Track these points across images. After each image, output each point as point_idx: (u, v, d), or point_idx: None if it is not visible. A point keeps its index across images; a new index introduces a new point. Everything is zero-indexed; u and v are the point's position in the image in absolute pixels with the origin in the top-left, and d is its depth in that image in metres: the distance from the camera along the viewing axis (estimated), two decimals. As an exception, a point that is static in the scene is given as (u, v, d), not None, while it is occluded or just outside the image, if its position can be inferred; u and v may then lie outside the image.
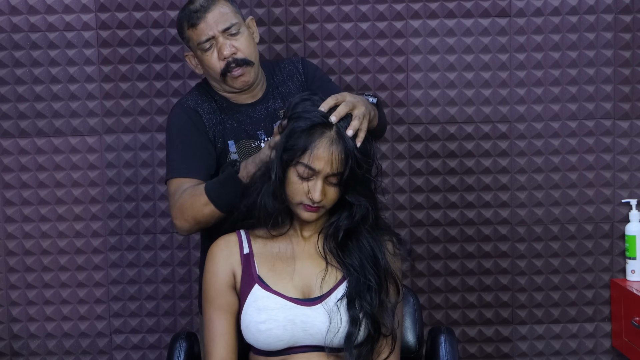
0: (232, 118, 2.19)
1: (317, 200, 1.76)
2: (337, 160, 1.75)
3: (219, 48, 2.12)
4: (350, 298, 1.77)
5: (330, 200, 1.79)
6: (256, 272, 1.81)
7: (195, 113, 2.17)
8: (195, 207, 2.01)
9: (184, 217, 2.04)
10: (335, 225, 1.83)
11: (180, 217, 2.04)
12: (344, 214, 1.83)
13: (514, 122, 2.82)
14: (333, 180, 1.77)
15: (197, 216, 2.01)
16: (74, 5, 2.76)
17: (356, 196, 1.80)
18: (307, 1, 2.77)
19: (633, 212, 2.81)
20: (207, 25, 2.11)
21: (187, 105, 2.19)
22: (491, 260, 2.86)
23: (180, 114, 2.19)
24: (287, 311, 1.76)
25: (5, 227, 2.83)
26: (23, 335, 2.86)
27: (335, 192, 1.79)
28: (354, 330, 1.75)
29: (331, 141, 1.75)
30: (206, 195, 1.98)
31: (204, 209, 2.00)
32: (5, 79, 2.78)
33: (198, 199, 2.00)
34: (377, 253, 1.81)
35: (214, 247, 1.86)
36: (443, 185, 2.84)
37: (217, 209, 1.98)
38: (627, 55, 2.79)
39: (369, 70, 2.80)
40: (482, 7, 2.78)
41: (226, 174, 1.97)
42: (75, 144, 2.81)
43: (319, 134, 1.76)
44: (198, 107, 2.19)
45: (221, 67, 2.13)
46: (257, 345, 1.79)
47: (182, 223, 2.05)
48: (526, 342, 2.89)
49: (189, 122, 2.16)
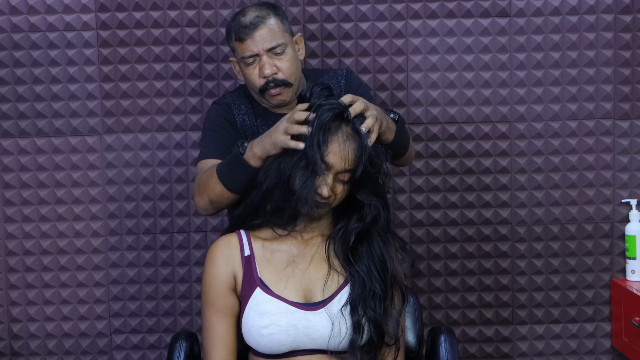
0: (266, 124, 2.20)
1: (325, 196, 1.73)
2: (350, 157, 1.72)
3: (261, 65, 2.16)
4: (354, 304, 1.75)
5: (338, 198, 1.77)
6: (258, 275, 1.80)
7: (229, 110, 2.26)
8: (209, 185, 2.04)
9: (200, 195, 2.08)
10: (345, 229, 1.80)
11: (198, 194, 2.09)
12: (354, 217, 1.80)
13: (514, 122, 2.82)
14: (344, 177, 1.74)
15: (210, 195, 2.04)
16: (74, 5, 2.76)
17: (367, 196, 1.78)
18: (307, 1, 2.77)
19: (633, 212, 2.81)
20: (254, 42, 2.15)
21: (223, 102, 2.30)
22: (491, 260, 2.86)
23: (216, 108, 2.30)
24: (289, 316, 1.75)
25: (5, 227, 2.83)
26: (23, 335, 2.86)
27: (344, 191, 1.76)
28: (357, 337, 1.74)
29: (347, 137, 1.73)
30: (216, 173, 2.01)
31: (215, 187, 2.02)
32: (5, 79, 2.78)
33: (211, 177, 2.04)
34: (386, 258, 1.79)
35: (214, 248, 1.84)
36: (443, 185, 2.84)
37: (225, 189, 2.00)
38: (627, 55, 2.79)
39: (369, 70, 2.80)
40: (482, 7, 2.78)
41: (232, 155, 1.98)
42: (75, 144, 2.81)
43: (335, 128, 1.73)
44: (234, 106, 2.27)
45: (260, 84, 2.18)
46: (258, 349, 1.78)
47: (198, 200, 2.10)
48: (526, 342, 2.89)
49: (222, 116, 2.25)
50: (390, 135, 1.99)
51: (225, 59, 2.77)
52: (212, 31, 2.77)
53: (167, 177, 2.82)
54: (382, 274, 1.78)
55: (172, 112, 2.81)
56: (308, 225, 1.83)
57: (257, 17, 2.16)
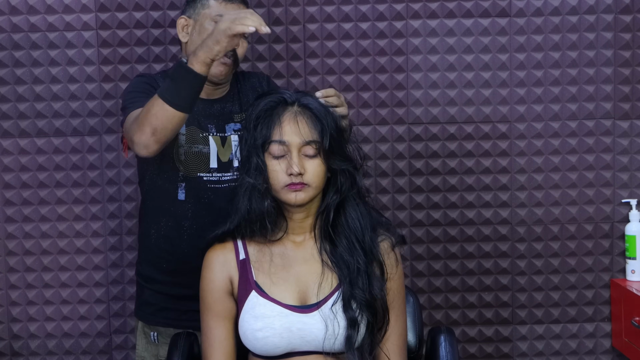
0: None
1: (295, 172, 1.74)
2: (305, 129, 1.76)
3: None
4: (346, 299, 1.76)
5: (313, 175, 1.77)
6: (253, 278, 1.80)
7: (154, 80, 2.23)
8: (150, 112, 1.91)
9: (140, 129, 1.94)
10: (325, 205, 1.82)
11: (137, 130, 1.95)
12: (331, 191, 1.82)
13: (514, 122, 2.82)
14: (309, 151, 1.77)
15: (153, 122, 1.91)
16: (74, 5, 2.76)
17: (337, 162, 1.79)
18: (307, 1, 2.77)
19: (633, 212, 2.81)
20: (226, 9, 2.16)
21: (149, 74, 2.30)
22: (491, 260, 2.86)
23: (139, 78, 2.27)
24: (283, 319, 1.75)
25: (5, 227, 2.83)
26: (23, 335, 2.86)
27: (317, 166, 1.77)
28: (353, 332, 1.74)
29: (295, 113, 1.79)
30: (160, 98, 1.90)
31: (158, 112, 1.90)
32: (5, 79, 2.78)
33: (152, 106, 1.91)
34: (362, 227, 1.81)
35: (209, 253, 1.85)
36: (443, 185, 2.84)
37: (173, 108, 1.89)
38: (627, 55, 2.79)
39: (369, 70, 2.80)
40: (482, 7, 2.78)
41: (174, 67, 1.93)
42: (75, 144, 2.81)
43: (281, 110, 1.80)
44: (159, 80, 2.23)
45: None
46: (255, 351, 1.79)
47: (138, 137, 1.95)
48: (526, 342, 2.89)
49: (147, 83, 2.22)
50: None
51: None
52: (212, 31, 2.77)
53: (167, 177, 2.82)
54: (362, 244, 1.80)
55: (172, 112, 2.80)
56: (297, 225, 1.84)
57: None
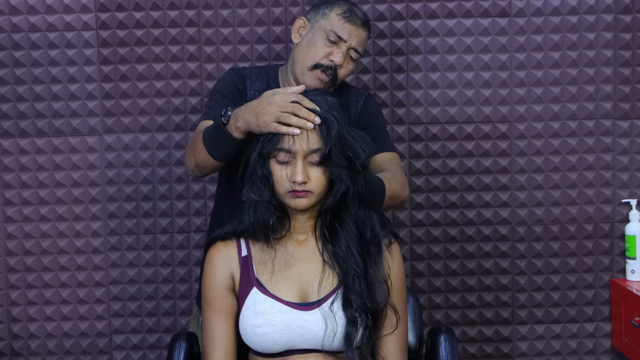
0: None
1: (299, 180, 1.74)
2: (313, 137, 1.75)
3: (336, 52, 2.17)
4: (346, 297, 1.76)
5: (316, 183, 1.77)
6: (254, 275, 1.81)
7: (243, 80, 2.24)
8: (196, 148, 2.04)
9: (189, 156, 2.09)
10: (322, 208, 1.82)
11: (188, 154, 2.10)
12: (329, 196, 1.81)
13: (514, 122, 2.82)
14: (314, 159, 1.76)
15: (197, 158, 2.04)
16: (74, 5, 2.76)
17: (337, 170, 1.78)
18: (307, 1, 2.77)
19: (633, 212, 2.81)
20: (350, 33, 2.18)
21: (240, 72, 2.28)
22: (491, 260, 2.86)
23: (231, 74, 2.27)
24: (283, 315, 1.76)
25: (5, 227, 2.83)
26: (23, 335, 2.86)
27: (320, 174, 1.77)
28: (352, 330, 1.75)
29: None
30: (202, 138, 2.01)
31: (201, 152, 2.02)
32: (5, 79, 2.78)
33: (197, 142, 2.03)
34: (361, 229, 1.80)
35: (212, 250, 1.85)
36: (443, 185, 2.84)
37: (209, 156, 2.00)
38: (627, 55, 2.79)
39: (369, 70, 2.80)
40: (482, 7, 2.78)
41: (215, 123, 1.97)
42: (75, 144, 2.81)
43: None
44: (249, 79, 2.25)
45: (318, 61, 2.17)
46: (254, 348, 1.79)
47: (187, 161, 2.10)
48: (526, 342, 2.89)
49: (234, 83, 2.23)
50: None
51: (226, 59, 2.77)
52: (212, 31, 2.77)
53: (167, 177, 2.82)
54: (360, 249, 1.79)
55: (172, 112, 2.81)
56: (301, 224, 1.84)
57: (364, 19, 2.22)
